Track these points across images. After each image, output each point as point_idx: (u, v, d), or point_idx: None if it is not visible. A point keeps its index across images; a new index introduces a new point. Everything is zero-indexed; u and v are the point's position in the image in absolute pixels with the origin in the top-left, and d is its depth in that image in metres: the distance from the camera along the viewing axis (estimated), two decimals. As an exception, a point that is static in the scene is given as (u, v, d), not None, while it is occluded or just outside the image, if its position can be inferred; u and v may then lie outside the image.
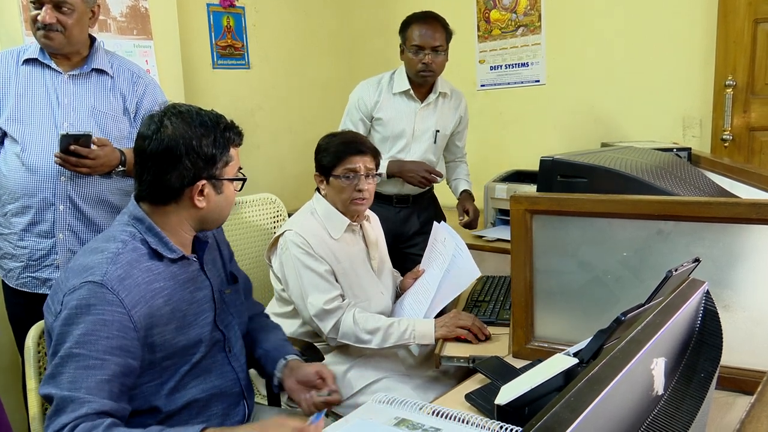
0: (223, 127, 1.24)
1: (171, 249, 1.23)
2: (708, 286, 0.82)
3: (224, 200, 1.28)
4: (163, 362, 1.21)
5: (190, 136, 1.20)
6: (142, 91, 1.91)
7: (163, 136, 1.19)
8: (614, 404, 0.53)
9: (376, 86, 2.41)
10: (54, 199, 1.77)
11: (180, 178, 1.20)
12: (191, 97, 2.90)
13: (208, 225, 1.30)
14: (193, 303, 1.27)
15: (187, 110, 1.24)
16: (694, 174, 1.54)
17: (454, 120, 2.47)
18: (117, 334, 1.10)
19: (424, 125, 2.41)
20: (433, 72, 2.32)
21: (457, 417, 1.07)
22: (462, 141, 2.59)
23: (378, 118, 2.40)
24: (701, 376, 0.74)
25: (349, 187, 1.76)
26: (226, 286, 1.40)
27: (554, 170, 1.47)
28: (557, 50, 2.93)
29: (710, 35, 2.46)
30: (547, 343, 1.37)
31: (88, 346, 1.08)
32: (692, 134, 2.59)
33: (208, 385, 1.29)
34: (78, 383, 1.07)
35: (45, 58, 1.79)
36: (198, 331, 1.27)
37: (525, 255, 1.35)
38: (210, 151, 1.21)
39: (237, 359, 1.37)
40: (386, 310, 1.87)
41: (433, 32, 2.29)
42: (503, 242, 2.41)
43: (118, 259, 1.15)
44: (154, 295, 1.18)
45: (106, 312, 1.10)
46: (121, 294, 1.12)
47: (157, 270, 1.20)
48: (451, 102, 2.46)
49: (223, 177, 1.25)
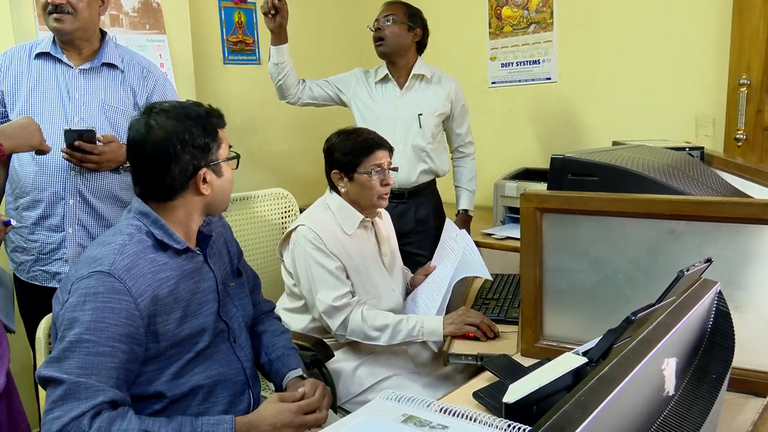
0: (208, 114, 1.28)
1: (176, 240, 1.26)
2: (720, 287, 0.82)
3: (226, 182, 1.32)
4: (167, 351, 1.23)
5: (182, 130, 1.23)
6: (153, 85, 1.92)
7: (155, 137, 1.22)
8: (625, 404, 0.53)
9: (365, 75, 2.48)
10: (64, 194, 1.79)
11: (182, 172, 1.24)
12: (202, 92, 2.91)
13: (215, 209, 1.34)
14: (197, 293, 1.29)
15: (170, 106, 1.27)
16: (706, 173, 1.53)
17: (440, 104, 2.41)
18: (125, 322, 1.13)
19: (407, 110, 2.40)
20: (383, 40, 2.34)
21: (465, 414, 1.07)
22: (462, 128, 2.51)
23: (362, 104, 2.44)
24: (713, 377, 0.73)
25: (377, 183, 1.77)
26: (231, 279, 1.43)
27: (565, 168, 1.46)
28: (569, 47, 2.91)
29: (725, 33, 2.43)
30: (555, 341, 1.37)
31: (98, 333, 1.11)
32: (705, 133, 2.57)
33: (213, 372, 1.31)
34: (89, 369, 1.09)
35: (57, 52, 1.80)
36: (201, 320, 1.29)
37: (535, 253, 1.34)
38: (203, 140, 1.25)
39: (242, 349, 1.39)
40: (397, 307, 1.87)
41: (387, 6, 2.38)
42: (512, 240, 2.40)
43: (124, 250, 1.18)
44: (160, 284, 1.21)
45: (114, 300, 1.13)
46: (128, 283, 1.15)
47: (162, 261, 1.23)
48: (437, 86, 2.43)
49: (220, 160, 1.29)
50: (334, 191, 1.85)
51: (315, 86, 2.47)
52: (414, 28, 2.38)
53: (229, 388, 1.34)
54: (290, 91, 2.40)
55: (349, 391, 1.74)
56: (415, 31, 2.38)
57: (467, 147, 2.55)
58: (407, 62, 2.41)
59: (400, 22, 2.34)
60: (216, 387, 1.31)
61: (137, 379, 1.20)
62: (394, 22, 2.33)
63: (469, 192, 2.54)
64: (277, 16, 2.20)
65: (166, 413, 1.23)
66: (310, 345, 1.72)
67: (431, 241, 2.38)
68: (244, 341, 1.40)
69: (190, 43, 2.75)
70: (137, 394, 1.20)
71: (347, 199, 1.81)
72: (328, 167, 1.84)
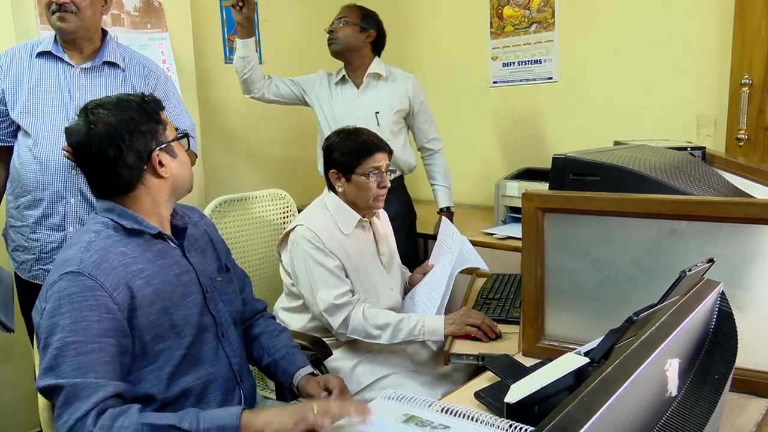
0: (144, 99, 1.27)
1: (147, 226, 1.25)
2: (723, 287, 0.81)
3: (182, 162, 1.31)
4: (155, 346, 1.21)
5: (125, 119, 1.22)
6: (154, 84, 1.92)
7: (99, 133, 1.20)
8: (628, 405, 0.53)
9: (327, 77, 2.55)
10: (65, 193, 1.78)
11: (136, 160, 1.22)
12: (203, 91, 2.91)
13: (180, 190, 1.33)
14: (179, 285, 1.27)
15: (104, 101, 1.25)
16: (708, 173, 1.53)
17: (398, 101, 2.45)
18: (106, 317, 1.12)
19: (365, 109, 2.45)
20: (335, 40, 2.43)
21: (466, 414, 1.07)
22: (425, 124, 2.54)
23: (323, 105, 2.50)
24: (715, 378, 0.73)
25: (374, 184, 1.77)
26: (217, 275, 1.41)
27: (567, 168, 1.46)
28: (570, 47, 2.91)
29: (726, 32, 2.43)
30: (557, 341, 1.36)
31: (82, 332, 1.09)
32: (707, 133, 2.56)
33: (203, 373, 1.29)
34: (84, 369, 1.08)
35: (58, 51, 1.80)
36: (185, 312, 1.27)
37: (536, 253, 1.34)
38: (148, 125, 1.24)
39: (230, 344, 1.37)
40: (396, 306, 1.87)
41: (342, 9, 2.47)
42: (514, 240, 2.40)
43: (91, 246, 1.17)
44: (133, 276, 1.18)
45: (89, 297, 1.11)
46: (100, 278, 1.13)
47: (133, 254, 1.21)
48: (393, 84, 2.48)
49: (170, 140, 1.28)
50: (331, 190, 1.85)
51: (281, 84, 2.52)
52: (367, 29, 2.45)
53: (220, 386, 1.32)
54: (255, 86, 2.45)
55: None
56: (368, 32, 2.45)
57: (434, 143, 2.58)
58: (362, 62, 2.47)
59: (353, 24, 2.42)
60: (207, 387, 1.30)
61: (127, 378, 1.18)
62: (346, 24, 2.41)
63: (446, 188, 2.58)
64: (244, 8, 2.24)
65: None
66: (309, 344, 1.72)
67: (403, 237, 2.38)
68: (232, 336, 1.38)
69: (192, 42, 2.75)
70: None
71: (344, 198, 1.82)
72: (326, 166, 1.84)
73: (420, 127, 2.55)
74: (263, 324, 1.56)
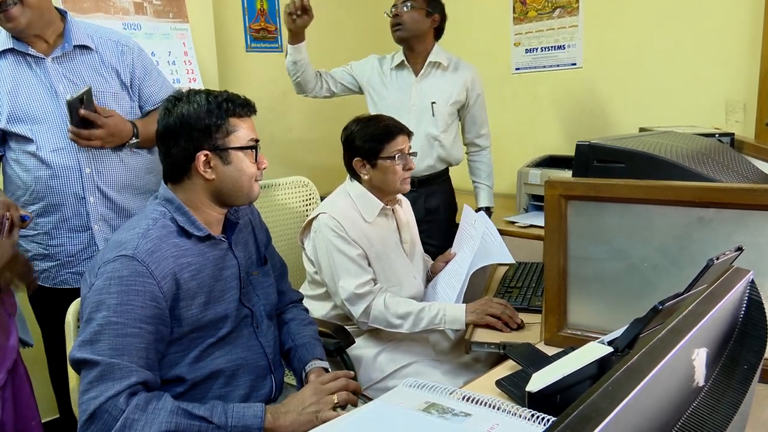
0: (219, 99, 1.28)
1: (198, 227, 1.28)
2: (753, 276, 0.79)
3: (235, 171, 1.29)
4: (189, 335, 1.25)
5: (186, 113, 1.26)
6: (131, 60, 1.83)
7: (167, 119, 1.27)
8: (654, 394, 0.52)
9: (379, 62, 2.46)
10: (84, 193, 1.74)
11: (182, 151, 1.26)
12: (225, 80, 2.92)
13: (227, 198, 1.32)
14: (221, 280, 1.31)
15: (193, 92, 1.30)
16: (737, 160, 1.49)
17: (456, 92, 2.37)
18: (150, 304, 1.16)
19: (421, 98, 2.37)
20: (401, 25, 2.31)
21: (487, 403, 1.06)
22: (478, 119, 2.46)
23: (375, 91, 2.42)
24: (744, 368, 0.71)
25: (399, 167, 1.77)
26: (255, 267, 1.44)
27: (591, 155, 1.44)
28: (595, 32, 2.86)
29: (758, 14, 2.36)
30: (580, 330, 1.35)
31: (124, 315, 1.14)
32: (735, 119, 2.50)
33: (234, 356, 1.32)
34: (120, 350, 1.12)
35: (20, 46, 1.67)
36: (224, 306, 1.31)
37: (559, 241, 1.32)
38: (204, 123, 1.26)
39: (264, 335, 1.40)
40: (418, 294, 1.86)
41: None
42: (536, 228, 2.38)
43: (148, 233, 1.22)
44: (182, 269, 1.23)
45: (138, 283, 1.16)
46: (151, 266, 1.18)
47: (185, 246, 1.26)
48: (454, 74, 2.40)
49: (226, 147, 1.28)
50: (354, 179, 1.84)
51: (331, 80, 2.45)
52: (432, 13, 2.35)
53: (251, 372, 1.35)
54: (308, 86, 2.39)
55: (370, 378, 1.75)
56: (433, 17, 2.35)
57: (483, 139, 2.50)
58: (425, 48, 2.39)
59: (419, 8, 2.31)
60: (237, 371, 1.33)
61: (159, 362, 1.22)
62: (412, 8, 2.30)
63: (488, 188, 2.52)
64: (302, 17, 2.16)
65: (186, 397, 1.24)
66: (332, 332, 1.73)
67: (442, 231, 2.36)
68: (266, 328, 1.41)
69: (213, 31, 2.76)
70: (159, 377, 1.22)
71: (370, 186, 1.81)
72: (348, 156, 1.83)
73: (473, 121, 2.46)
74: (295, 311, 1.59)
